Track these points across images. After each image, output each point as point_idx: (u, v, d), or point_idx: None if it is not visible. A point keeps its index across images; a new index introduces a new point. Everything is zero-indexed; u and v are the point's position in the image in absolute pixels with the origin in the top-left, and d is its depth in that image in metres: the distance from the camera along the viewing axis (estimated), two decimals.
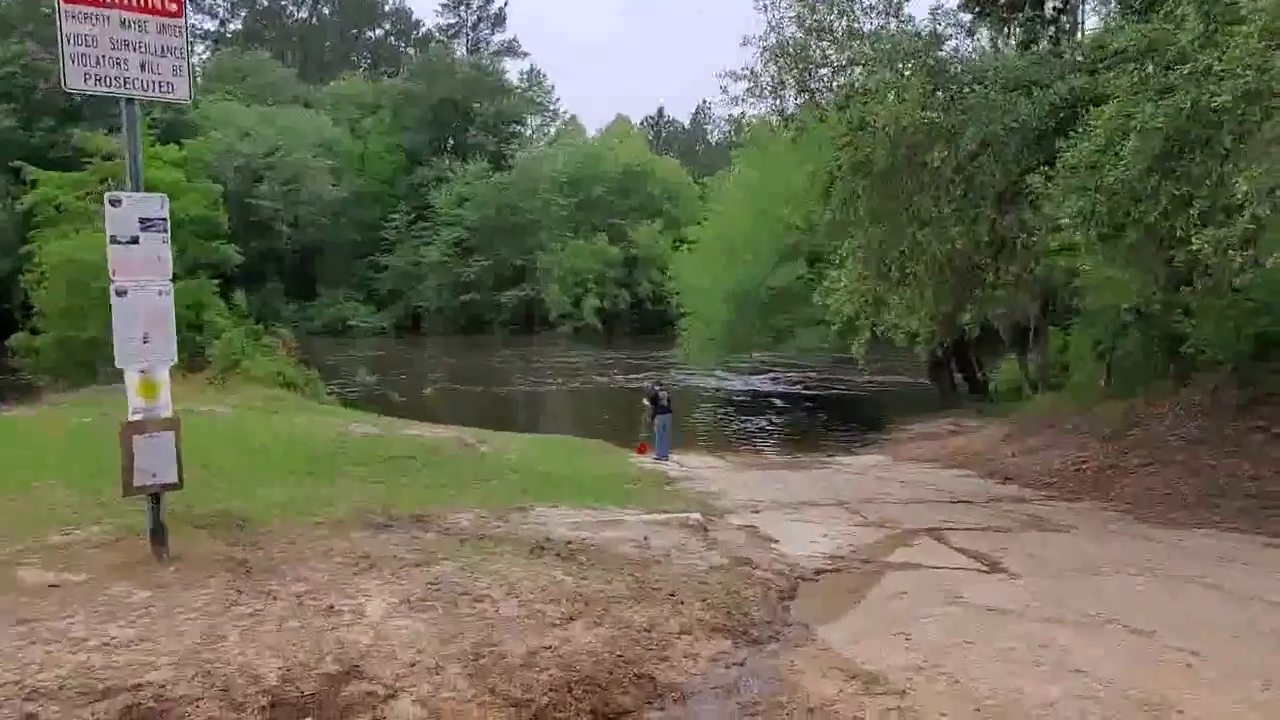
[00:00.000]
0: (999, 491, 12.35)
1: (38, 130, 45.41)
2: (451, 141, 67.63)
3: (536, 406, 34.54)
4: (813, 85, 10.41)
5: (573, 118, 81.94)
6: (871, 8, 10.24)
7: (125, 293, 5.20)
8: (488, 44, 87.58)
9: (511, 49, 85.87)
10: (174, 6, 5.21)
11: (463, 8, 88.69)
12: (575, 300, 59.24)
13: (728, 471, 16.22)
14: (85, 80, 5.02)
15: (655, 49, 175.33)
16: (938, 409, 26.78)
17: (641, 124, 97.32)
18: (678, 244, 61.77)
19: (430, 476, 11.06)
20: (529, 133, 76.17)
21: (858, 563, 7.12)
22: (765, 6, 10.67)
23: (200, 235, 25.62)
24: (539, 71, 79.40)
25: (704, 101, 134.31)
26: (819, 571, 6.69)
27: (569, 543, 6.33)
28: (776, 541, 7.73)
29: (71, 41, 4.89)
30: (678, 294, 50.30)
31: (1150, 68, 8.09)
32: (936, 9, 12.12)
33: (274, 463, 10.79)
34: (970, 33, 13.13)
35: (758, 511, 9.89)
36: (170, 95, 5.30)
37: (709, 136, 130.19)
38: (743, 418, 28.19)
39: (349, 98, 70.19)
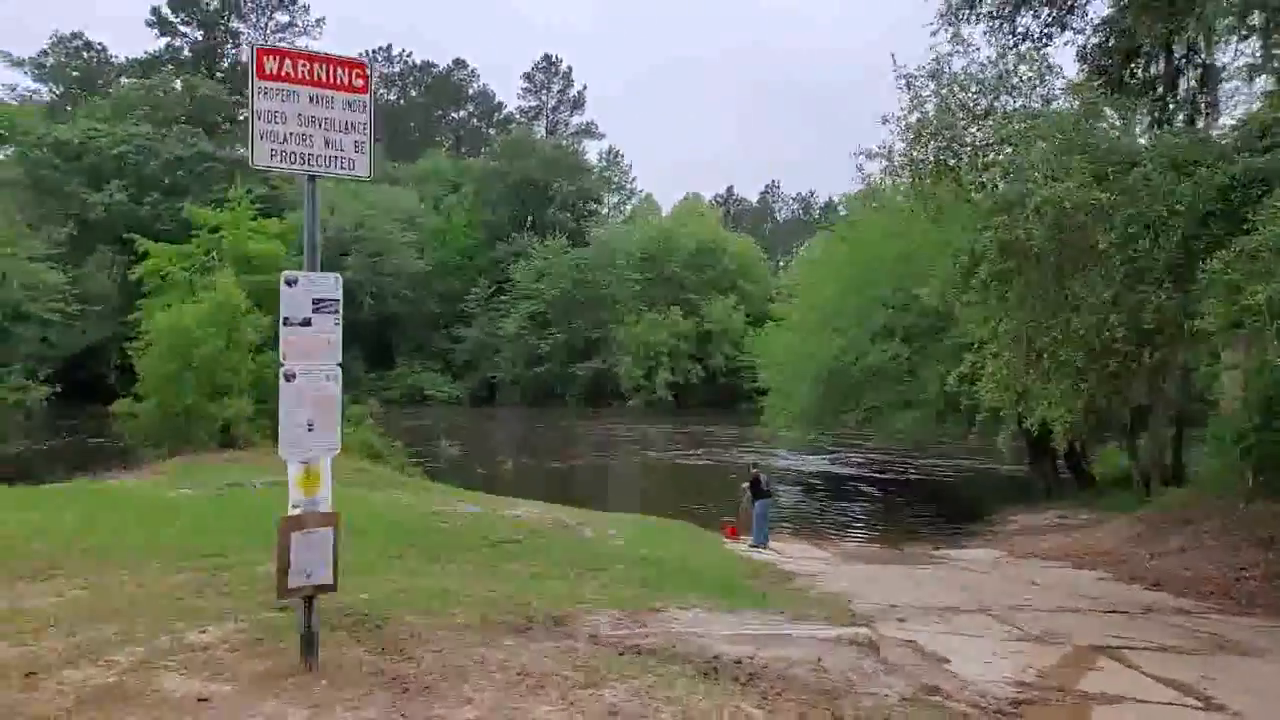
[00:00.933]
0: (1150, 600, 11.34)
1: (145, 203, 47.29)
2: (531, 218, 68.79)
3: (611, 481, 34.01)
4: (953, 163, 9.92)
5: (648, 196, 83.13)
6: (1016, 87, 9.79)
7: (294, 377, 4.86)
8: (566, 125, 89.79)
9: (589, 130, 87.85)
10: (360, 82, 4.97)
11: (544, 91, 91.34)
12: (647, 373, 59.04)
13: (838, 564, 15.40)
14: (272, 157, 4.77)
15: (725, 128, 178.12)
16: (1039, 499, 25.53)
17: (711, 200, 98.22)
18: (751, 319, 61.89)
19: (542, 563, 10.56)
20: (605, 210, 77.25)
21: (1051, 692, 6.34)
22: (906, 83, 10.31)
23: None
24: (617, 151, 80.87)
25: (773, 181, 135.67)
26: (1015, 703, 5.94)
27: (738, 662, 5.71)
28: (948, 661, 6.98)
29: (262, 119, 4.65)
30: (756, 368, 50.10)
31: None
32: (1067, 88, 11.65)
33: (381, 544, 10.39)
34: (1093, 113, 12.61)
35: (904, 620, 9.14)
36: (351, 171, 5.04)
37: (777, 214, 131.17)
38: (827, 501, 27.22)
39: (433, 175, 72.13)
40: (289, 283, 4.89)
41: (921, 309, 24.40)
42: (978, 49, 11.16)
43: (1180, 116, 12.42)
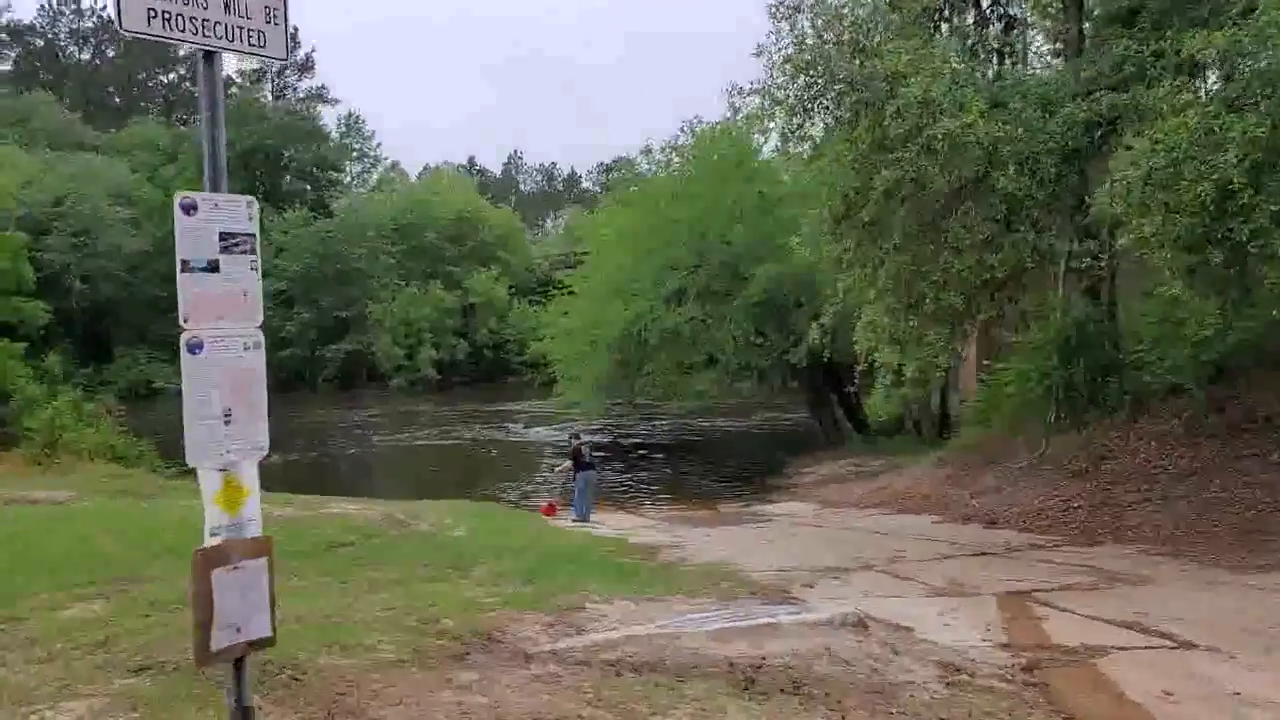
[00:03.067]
0: (1001, 538, 11.68)
1: None
2: (265, 190, 62.97)
3: (390, 468, 31.85)
4: (831, 97, 9.43)
5: (395, 164, 78.91)
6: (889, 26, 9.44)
7: (200, 347, 3.34)
8: (295, 90, 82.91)
9: (321, 95, 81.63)
10: None
11: None
12: (409, 351, 56.20)
13: (674, 531, 14.87)
14: (150, 21, 3.20)
15: (462, 96, 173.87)
16: (823, 449, 26.55)
17: (455, 170, 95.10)
18: (514, 291, 60.46)
19: (397, 566, 9.10)
20: (349, 179, 72.45)
21: (1041, 651, 5.98)
22: (771, 13, 9.65)
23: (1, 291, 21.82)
24: (358, 116, 75.81)
25: (516, 152, 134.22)
26: (1026, 668, 5.49)
27: (757, 666, 4.80)
28: (912, 630, 6.47)
29: None
30: (526, 341, 48.84)
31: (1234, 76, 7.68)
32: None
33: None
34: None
35: (812, 586, 8.66)
36: (261, 49, 3.53)
37: (521, 186, 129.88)
38: (626, 470, 26.84)
39: (145, 144, 64.08)
40: (186, 208, 3.35)
41: (714, 269, 24.48)
42: None
43: (994, 61, 12.70)
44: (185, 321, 3.32)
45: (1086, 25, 11.31)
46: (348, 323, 57.72)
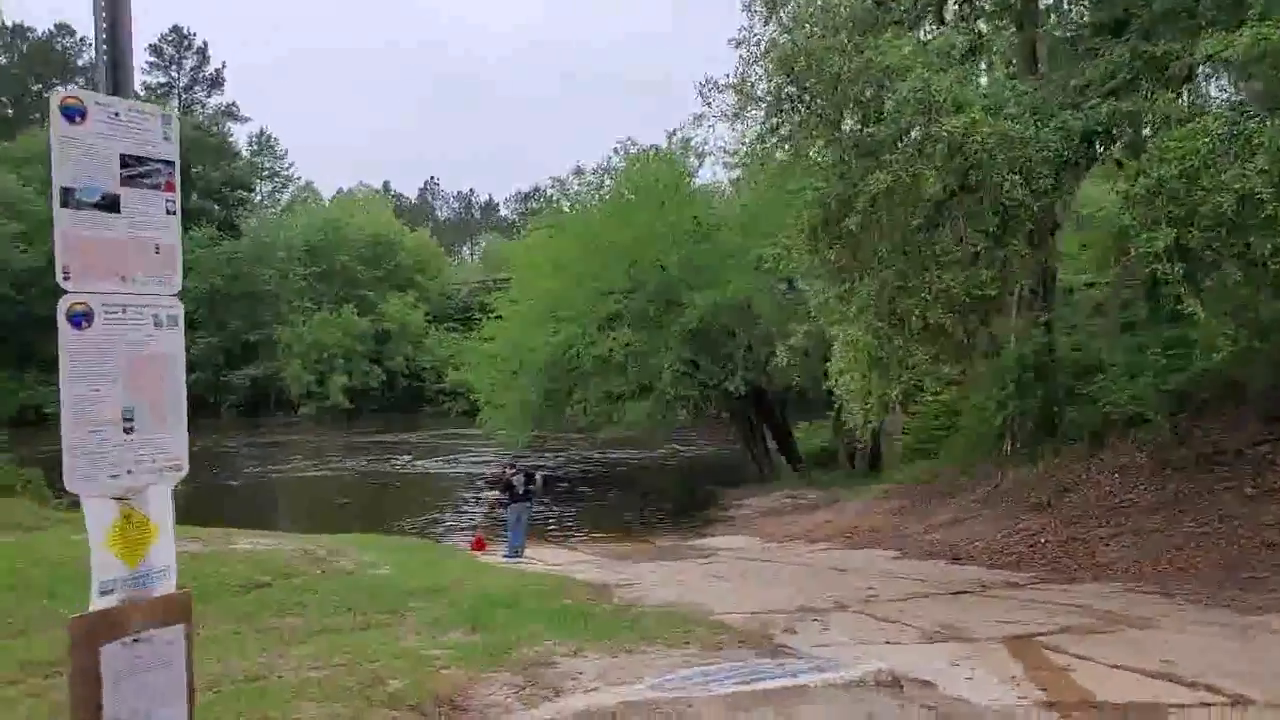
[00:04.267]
0: (972, 575, 11.03)
1: None
2: None
3: (300, 500, 30.01)
4: (814, 93, 8.70)
5: (309, 184, 76.27)
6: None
7: (87, 318, 2.31)
8: (204, 106, 79.67)
9: (231, 112, 78.62)
10: None
11: (174, 67, 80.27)
12: (320, 378, 53.89)
13: (615, 566, 13.91)
14: None
15: (372, 120, 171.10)
16: (754, 481, 25.93)
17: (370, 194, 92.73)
18: (431, 317, 58.65)
19: (317, 611, 7.93)
20: (259, 198, 69.70)
21: (1087, 710, 5.23)
22: (745, 7, 8.92)
23: None
24: (270, 135, 73.21)
25: (432, 178, 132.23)
26: None
27: None
28: (935, 686, 5.65)
29: None
30: (443, 368, 47.13)
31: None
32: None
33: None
34: None
35: (795, 633, 7.80)
36: None
37: (438, 212, 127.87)
38: (553, 502, 25.69)
39: (37, 156, 60.39)
40: (70, 115, 2.32)
41: (649, 295, 23.73)
42: None
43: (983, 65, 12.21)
44: (66, 279, 2.29)
45: (1042, 44, 11.02)
46: (256, 347, 55.21)
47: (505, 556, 15.69)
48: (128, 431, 2.35)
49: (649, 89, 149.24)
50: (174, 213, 2.49)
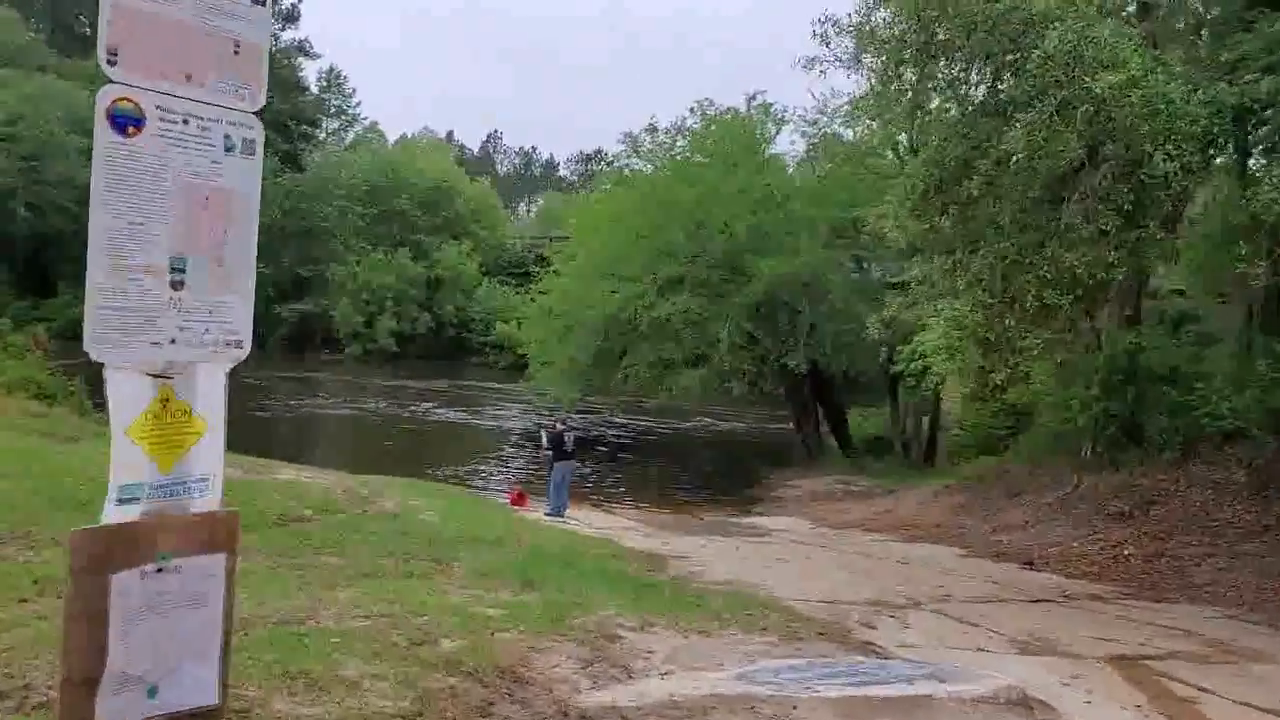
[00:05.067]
0: (1051, 584, 10.26)
1: None
2: None
3: (336, 437, 29.88)
4: (961, 48, 7.80)
5: (374, 124, 76.09)
6: None
7: (136, 122, 1.66)
8: (277, 40, 79.77)
9: (303, 48, 78.59)
10: None
11: None
12: (368, 319, 53.77)
13: (667, 537, 13.30)
14: None
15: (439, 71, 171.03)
16: (802, 463, 25.15)
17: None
18: (485, 269, 58.22)
19: (363, 553, 7.41)
20: (324, 135, 69.59)
21: None
22: None
23: None
24: (339, 73, 72.99)
25: (495, 131, 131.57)
26: None
27: None
28: (1052, 707, 4.94)
29: None
30: (492, 320, 46.78)
31: None
32: None
33: None
34: None
35: (875, 628, 7.12)
36: None
37: (498, 166, 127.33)
38: (595, 464, 25.17)
39: None
40: None
41: (713, 260, 22.92)
42: None
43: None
44: (111, 64, 1.64)
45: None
46: (307, 283, 55.18)
47: (547, 514, 15.15)
48: (176, 287, 1.72)
49: (719, 63, 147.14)
50: (263, 3, 1.83)
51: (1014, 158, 7.21)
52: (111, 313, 1.63)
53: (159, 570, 1.74)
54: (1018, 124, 7.13)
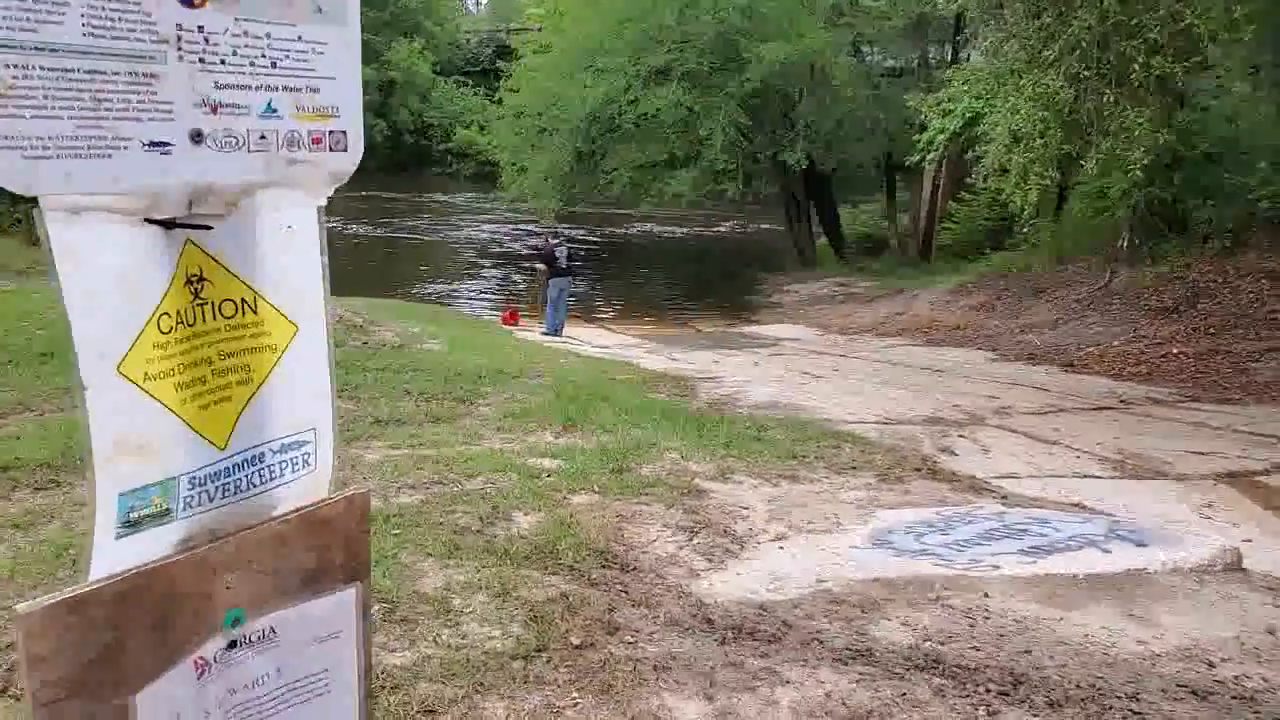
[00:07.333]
0: (1102, 386, 9.66)
1: None
2: None
3: None
4: None
5: None
6: None
7: None
8: None
9: None
10: None
11: None
12: None
13: (677, 354, 12.55)
14: None
15: None
16: (796, 266, 24.27)
17: None
18: (438, 68, 54.46)
19: (380, 393, 6.54)
20: None
21: None
22: None
23: None
24: None
25: None
26: None
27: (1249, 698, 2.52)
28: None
29: None
30: (472, 125, 43.94)
31: None
32: None
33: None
34: None
35: (953, 452, 6.44)
36: None
37: None
38: (584, 277, 24.16)
39: None
40: None
41: (702, 48, 20.98)
42: None
43: None
44: None
45: None
46: None
47: (543, 333, 14.31)
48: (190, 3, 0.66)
49: None
50: None
51: None
52: (45, 74, 0.59)
53: (232, 646, 0.79)
54: None
